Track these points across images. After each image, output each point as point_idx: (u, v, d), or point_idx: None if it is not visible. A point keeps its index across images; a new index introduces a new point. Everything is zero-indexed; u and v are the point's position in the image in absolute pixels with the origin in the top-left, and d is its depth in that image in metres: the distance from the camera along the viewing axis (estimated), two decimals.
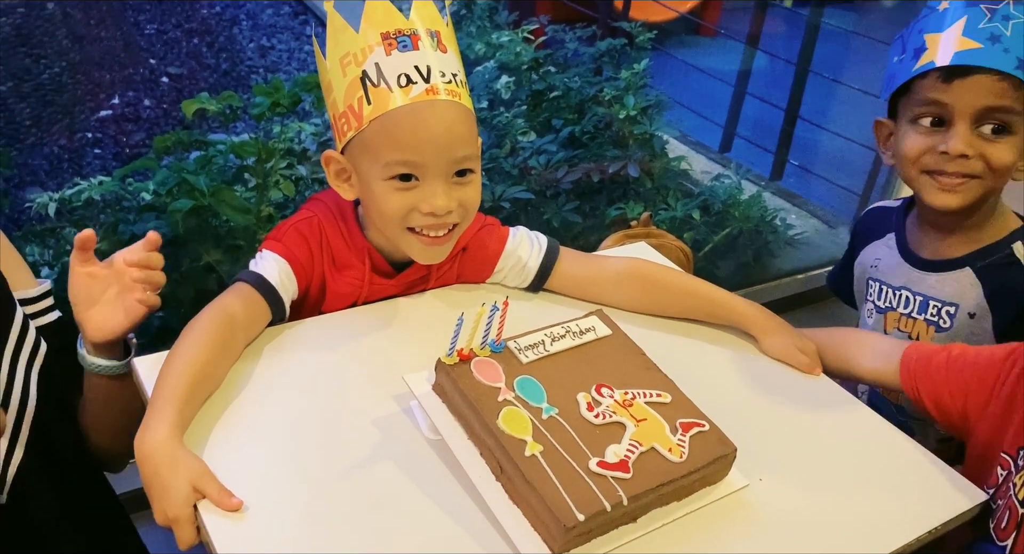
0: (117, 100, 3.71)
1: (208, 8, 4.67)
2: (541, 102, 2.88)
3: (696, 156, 3.30)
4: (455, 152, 1.02)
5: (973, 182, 1.20)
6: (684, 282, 1.23)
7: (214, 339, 0.99)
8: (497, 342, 0.99)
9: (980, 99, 1.16)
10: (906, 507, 0.98)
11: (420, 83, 1.00)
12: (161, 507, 0.85)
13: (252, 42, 4.45)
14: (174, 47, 4.23)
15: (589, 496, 0.85)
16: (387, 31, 1.01)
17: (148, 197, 1.98)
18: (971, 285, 1.26)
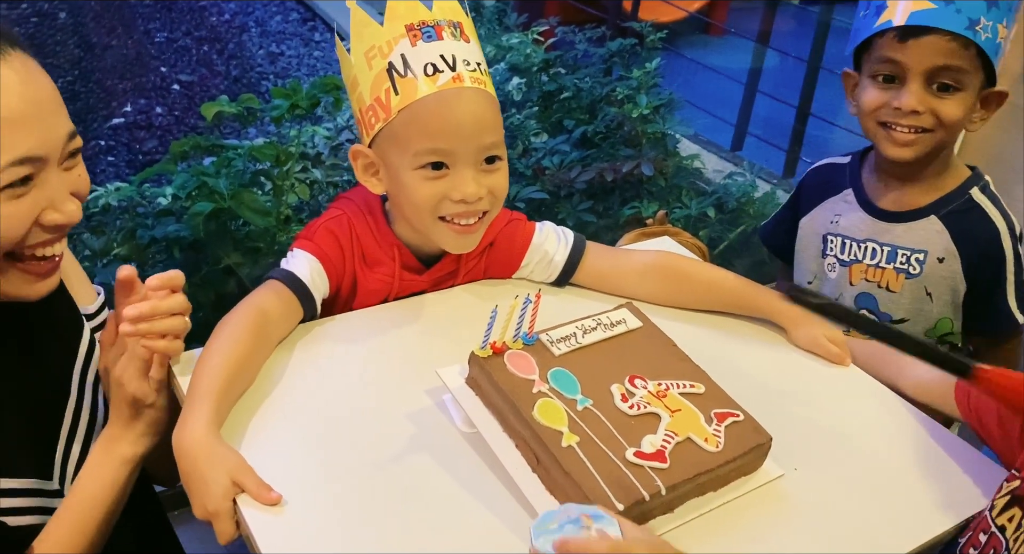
0: (129, 108, 3.72)
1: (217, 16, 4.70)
2: (552, 103, 2.89)
3: (708, 155, 3.29)
4: (483, 138, 1.03)
5: (925, 135, 1.27)
6: (711, 274, 1.23)
7: (248, 335, 0.99)
8: (530, 335, 0.99)
9: (932, 58, 1.22)
10: (941, 496, 0.98)
11: (447, 71, 1.01)
12: (201, 501, 0.86)
13: (261, 49, 4.47)
14: (185, 55, 4.25)
15: (627, 486, 0.86)
16: (411, 23, 1.02)
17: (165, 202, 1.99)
18: (937, 232, 1.33)
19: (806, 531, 0.92)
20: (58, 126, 0.87)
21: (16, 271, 0.90)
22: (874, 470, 1.01)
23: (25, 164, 0.83)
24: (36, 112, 0.84)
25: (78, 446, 1.02)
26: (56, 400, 1.01)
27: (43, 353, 1.01)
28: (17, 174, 0.83)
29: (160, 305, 0.94)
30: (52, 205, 0.87)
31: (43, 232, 0.88)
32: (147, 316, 0.93)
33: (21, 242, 0.87)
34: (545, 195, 2.47)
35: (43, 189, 0.86)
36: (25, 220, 0.85)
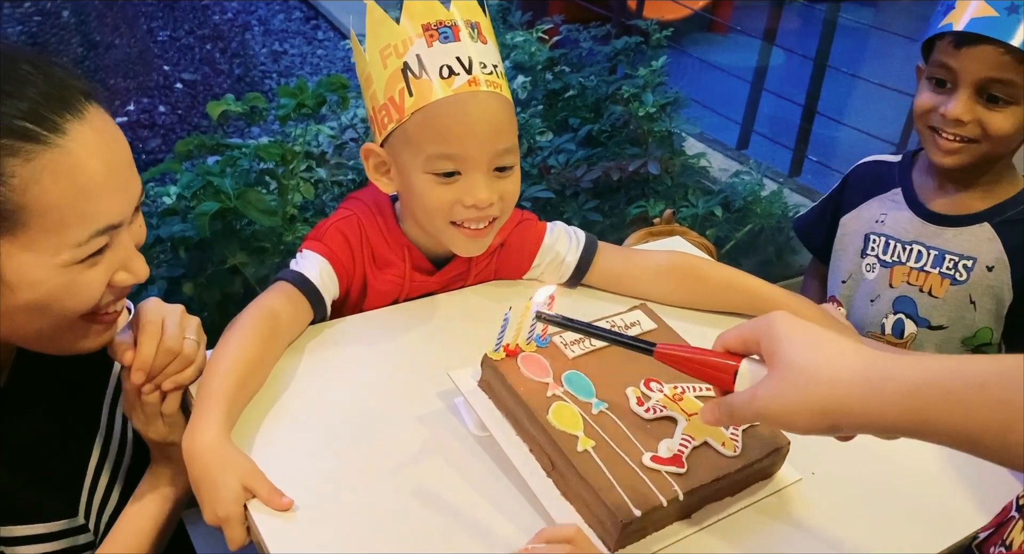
0: (132, 107, 3.71)
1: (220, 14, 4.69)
2: (557, 102, 2.87)
3: (714, 153, 3.28)
4: (497, 144, 1.02)
5: (970, 146, 1.25)
6: (725, 275, 1.22)
7: (258, 337, 0.98)
8: (543, 337, 0.98)
9: (983, 69, 1.20)
10: (964, 500, 0.97)
11: (462, 74, 0.99)
12: (211, 507, 0.84)
13: (264, 47, 4.46)
14: (187, 53, 4.24)
15: (645, 491, 0.84)
16: (428, 22, 1.00)
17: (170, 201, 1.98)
18: (989, 239, 1.31)
19: (825, 536, 0.90)
20: (134, 187, 0.85)
21: (83, 324, 0.87)
22: (894, 473, 0.99)
23: (106, 233, 0.81)
24: (117, 177, 0.81)
25: (105, 477, 1.01)
26: (86, 432, 1.00)
27: (74, 385, 0.99)
28: (98, 245, 0.80)
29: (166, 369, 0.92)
30: (124, 266, 0.85)
31: (112, 293, 0.86)
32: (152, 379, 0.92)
33: (96, 307, 0.85)
34: (551, 194, 2.46)
35: (116, 251, 0.84)
36: (101, 286, 0.83)
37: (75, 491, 0.98)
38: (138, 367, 0.90)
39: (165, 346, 0.92)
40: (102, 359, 0.97)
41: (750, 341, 0.75)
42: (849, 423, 0.68)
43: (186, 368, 0.94)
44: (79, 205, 0.77)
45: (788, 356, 0.70)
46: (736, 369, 0.76)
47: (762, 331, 0.73)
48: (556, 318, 0.85)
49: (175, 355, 0.92)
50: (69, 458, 0.98)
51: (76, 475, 0.98)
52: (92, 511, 0.98)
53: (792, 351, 0.70)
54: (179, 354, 0.93)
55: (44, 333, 0.84)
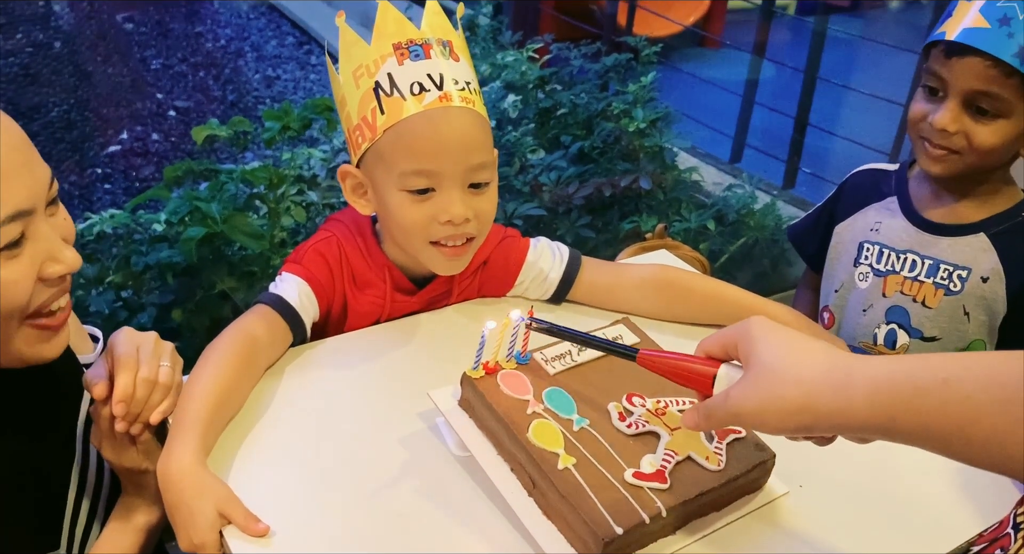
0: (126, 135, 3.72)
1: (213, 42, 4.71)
2: (549, 120, 2.87)
3: (707, 168, 3.28)
4: (470, 159, 1.01)
5: (954, 157, 1.24)
6: (711, 287, 1.21)
7: (235, 361, 0.97)
8: (523, 354, 0.96)
9: (970, 82, 1.19)
10: (954, 511, 0.95)
11: (433, 90, 0.99)
12: (186, 533, 0.83)
13: (258, 73, 4.47)
14: (180, 81, 4.25)
15: (627, 508, 0.83)
16: (399, 42, 1.00)
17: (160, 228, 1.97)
18: (984, 250, 1.29)
19: (813, 549, 0.89)
20: (40, 174, 0.83)
21: (30, 330, 0.85)
22: (882, 485, 0.98)
23: (17, 220, 0.79)
24: (15, 162, 0.79)
25: (86, 505, 0.99)
26: (62, 462, 0.98)
27: (46, 413, 0.98)
28: (11, 234, 0.78)
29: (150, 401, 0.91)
30: (50, 257, 0.83)
31: (47, 288, 0.84)
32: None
33: (27, 305, 0.82)
34: (543, 211, 2.45)
35: (37, 242, 0.81)
36: (28, 280, 0.81)
37: (55, 523, 0.96)
38: (119, 399, 0.88)
39: (142, 376, 0.90)
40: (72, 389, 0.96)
41: (729, 345, 0.76)
42: (819, 423, 0.68)
43: (166, 397, 0.92)
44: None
45: (761, 356, 0.71)
46: (715, 374, 0.76)
47: (740, 335, 0.74)
48: (543, 324, 0.85)
49: (153, 384, 0.91)
50: (46, 488, 0.96)
51: (55, 507, 0.96)
52: (75, 543, 0.97)
53: (765, 351, 0.71)
54: (156, 384, 0.91)
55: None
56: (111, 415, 0.89)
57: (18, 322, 0.84)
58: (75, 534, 0.97)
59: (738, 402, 0.71)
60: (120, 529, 0.95)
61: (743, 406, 0.71)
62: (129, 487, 0.96)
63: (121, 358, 0.90)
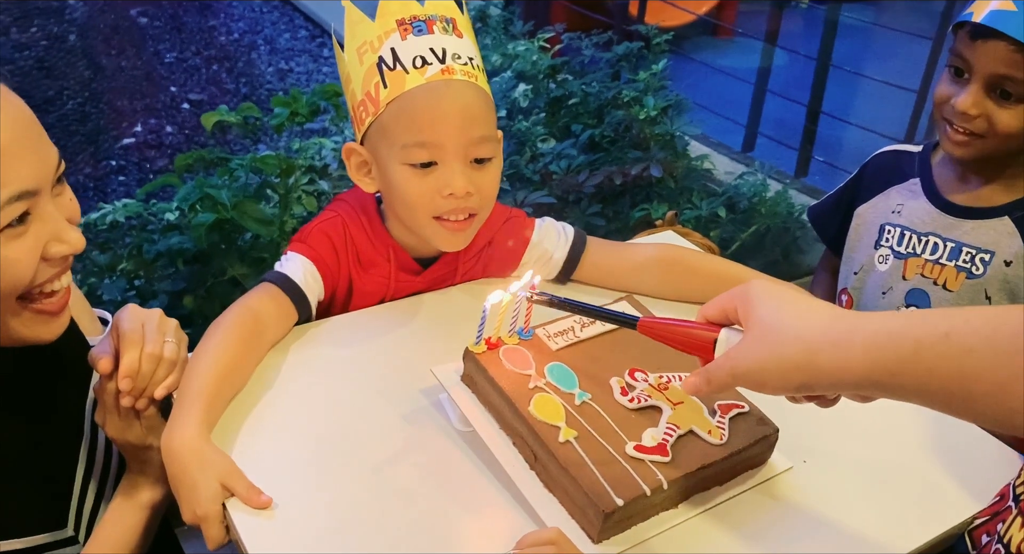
0: (140, 128, 3.74)
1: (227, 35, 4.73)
2: (559, 109, 2.87)
3: (719, 157, 3.26)
4: (472, 131, 1.01)
5: (976, 140, 1.22)
6: (716, 266, 1.20)
7: (239, 337, 0.97)
8: (526, 330, 0.96)
9: (994, 65, 1.17)
10: (957, 487, 0.94)
11: (435, 64, 0.99)
12: (189, 506, 0.84)
13: (271, 66, 4.49)
14: (194, 74, 4.27)
15: (627, 481, 0.83)
16: (403, 18, 1.00)
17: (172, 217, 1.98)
18: (1008, 234, 1.27)
19: (816, 524, 0.88)
20: (46, 154, 0.83)
21: (29, 312, 0.86)
22: (887, 461, 0.97)
23: (22, 199, 0.79)
24: (21, 142, 0.80)
25: (94, 486, 0.99)
26: (70, 442, 0.99)
27: (54, 395, 0.98)
28: (15, 212, 0.79)
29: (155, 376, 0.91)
30: (55, 237, 0.83)
31: (50, 267, 0.85)
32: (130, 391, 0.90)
33: (31, 282, 0.83)
34: (553, 200, 2.45)
35: (42, 222, 0.82)
36: (32, 259, 0.82)
37: (62, 502, 0.97)
38: (124, 374, 0.89)
39: (147, 352, 0.91)
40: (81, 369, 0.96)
41: (728, 309, 0.76)
42: (820, 380, 0.68)
43: (171, 372, 0.93)
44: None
45: (760, 316, 0.71)
46: (716, 338, 0.77)
47: (739, 298, 0.75)
48: (545, 295, 0.86)
49: (158, 360, 0.92)
50: (53, 467, 0.97)
51: (62, 486, 0.97)
52: (83, 523, 0.98)
53: (764, 312, 0.71)
54: (161, 359, 0.92)
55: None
56: (116, 391, 0.90)
57: (18, 304, 0.84)
58: (83, 514, 0.98)
59: (737, 362, 0.71)
60: (125, 506, 0.96)
61: (742, 365, 0.71)
62: (134, 464, 0.97)
63: (126, 334, 0.91)
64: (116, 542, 0.94)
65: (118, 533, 0.94)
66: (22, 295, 0.84)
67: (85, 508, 0.98)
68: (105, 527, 0.95)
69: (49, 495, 0.96)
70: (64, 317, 0.90)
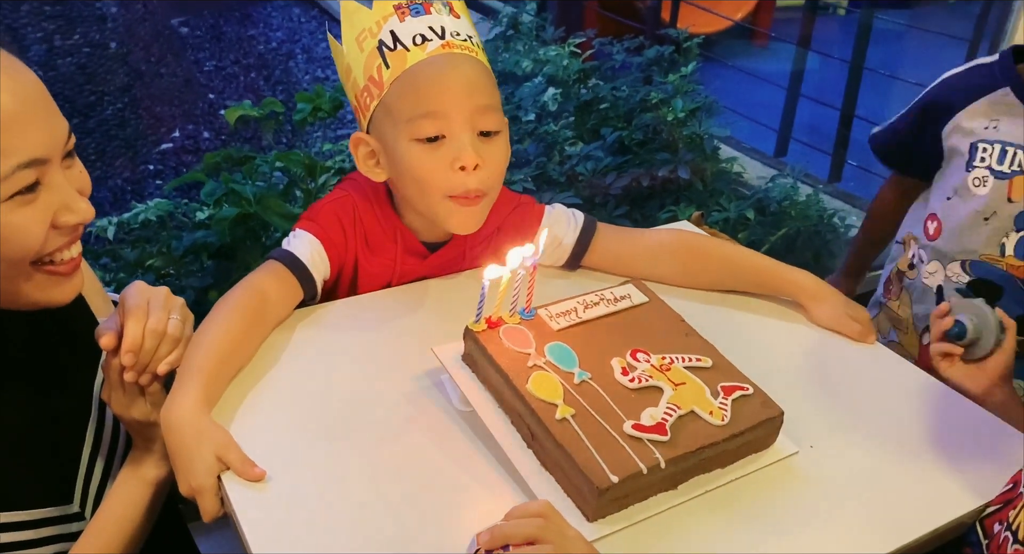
0: (177, 133, 3.80)
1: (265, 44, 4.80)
2: (589, 113, 2.86)
3: (751, 161, 3.23)
4: (476, 100, 1.01)
5: None
6: (728, 251, 1.18)
7: (243, 315, 0.98)
8: (527, 309, 0.96)
9: None
10: (967, 474, 0.91)
11: (435, 40, 1.00)
12: (185, 477, 0.84)
13: (307, 74, 4.54)
14: (232, 82, 4.34)
15: (624, 458, 0.81)
16: (400, 2, 1.01)
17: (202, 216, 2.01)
18: None
19: (820, 510, 0.86)
20: (56, 124, 0.85)
21: (42, 275, 0.87)
22: (896, 448, 0.95)
23: (32, 167, 0.80)
24: (32, 111, 0.81)
25: (100, 464, 1.00)
26: (78, 419, 1.00)
27: (65, 371, 0.99)
28: (25, 180, 0.80)
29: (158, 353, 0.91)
30: (64, 206, 0.85)
31: (60, 235, 0.86)
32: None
33: (40, 249, 0.84)
34: (579, 200, 2.44)
35: (51, 192, 0.83)
36: (41, 226, 0.83)
37: (69, 478, 0.98)
38: (127, 349, 0.90)
39: (150, 327, 0.91)
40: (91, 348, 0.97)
41: None
42: None
43: (174, 349, 0.93)
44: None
45: None
46: None
47: None
48: None
49: (161, 335, 0.92)
50: (60, 443, 0.98)
51: (69, 461, 0.98)
52: (89, 500, 0.98)
53: None
54: (165, 335, 0.93)
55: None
56: (120, 366, 0.91)
57: (31, 268, 0.86)
58: (89, 490, 0.99)
59: None
60: (129, 482, 0.96)
61: None
62: (139, 441, 0.97)
63: (131, 310, 0.92)
64: (120, 517, 0.94)
65: (122, 508, 0.95)
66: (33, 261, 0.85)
67: (92, 485, 0.99)
68: (110, 502, 0.95)
69: (56, 469, 0.97)
70: (76, 279, 0.91)
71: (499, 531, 0.73)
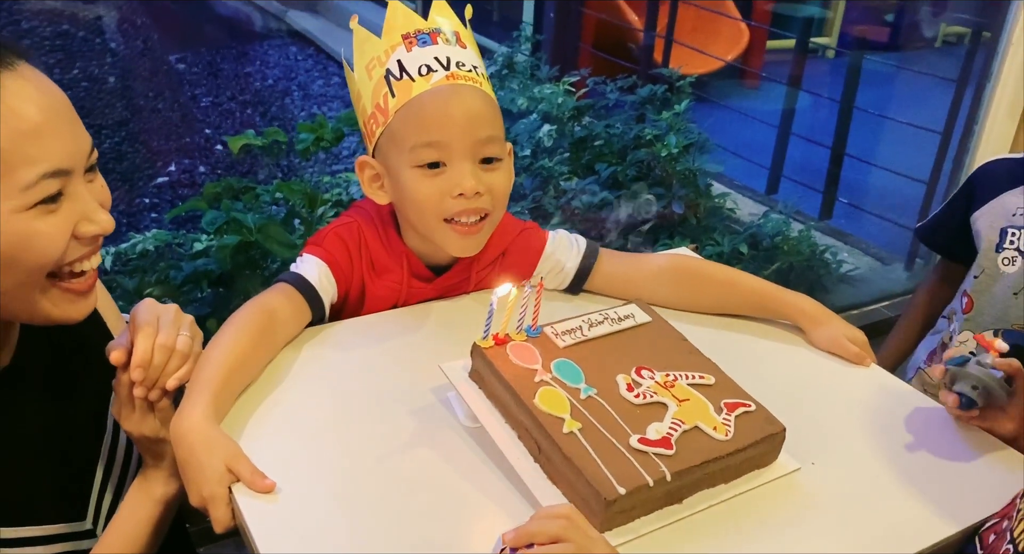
0: (174, 167, 3.83)
1: (261, 81, 4.85)
2: (583, 149, 2.91)
3: (743, 199, 3.28)
4: (478, 132, 1.03)
5: None
6: (728, 275, 1.21)
7: (252, 331, 0.99)
8: (533, 327, 0.97)
9: None
10: (964, 492, 0.93)
11: (440, 70, 1.03)
12: (196, 488, 0.84)
13: (303, 111, 4.59)
14: (228, 117, 4.38)
15: (631, 471, 0.83)
16: (408, 32, 1.04)
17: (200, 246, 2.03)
18: None
19: (822, 525, 0.87)
20: (80, 137, 0.86)
21: (58, 291, 0.88)
22: (895, 465, 0.96)
23: (56, 177, 0.82)
24: (57, 122, 0.83)
25: (114, 482, 1.01)
26: (93, 436, 1.01)
27: (81, 389, 1.00)
28: (49, 188, 0.82)
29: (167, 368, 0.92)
30: (85, 217, 0.86)
31: (80, 246, 0.87)
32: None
33: (61, 259, 0.86)
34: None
35: (73, 202, 0.85)
36: (63, 235, 0.84)
37: (82, 495, 0.98)
38: (136, 364, 0.91)
39: (160, 342, 0.92)
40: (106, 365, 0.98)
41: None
42: None
43: (183, 364, 0.94)
44: (22, 147, 0.79)
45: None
46: None
47: None
48: None
49: (170, 351, 0.93)
50: (75, 459, 0.98)
51: (83, 479, 0.99)
52: (101, 518, 0.99)
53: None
54: (174, 351, 0.94)
55: (14, 294, 0.85)
56: (130, 382, 0.92)
57: (48, 281, 0.87)
58: (101, 509, 0.99)
59: None
60: (139, 499, 0.97)
61: None
62: (149, 458, 0.98)
63: (141, 326, 0.93)
64: (128, 535, 0.94)
65: (131, 526, 0.95)
66: (52, 273, 0.86)
67: (104, 502, 0.99)
68: (118, 520, 0.96)
69: (70, 485, 0.97)
70: (91, 298, 0.92)
71: (524, 530, 0.75)
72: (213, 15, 4.98)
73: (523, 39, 3.66)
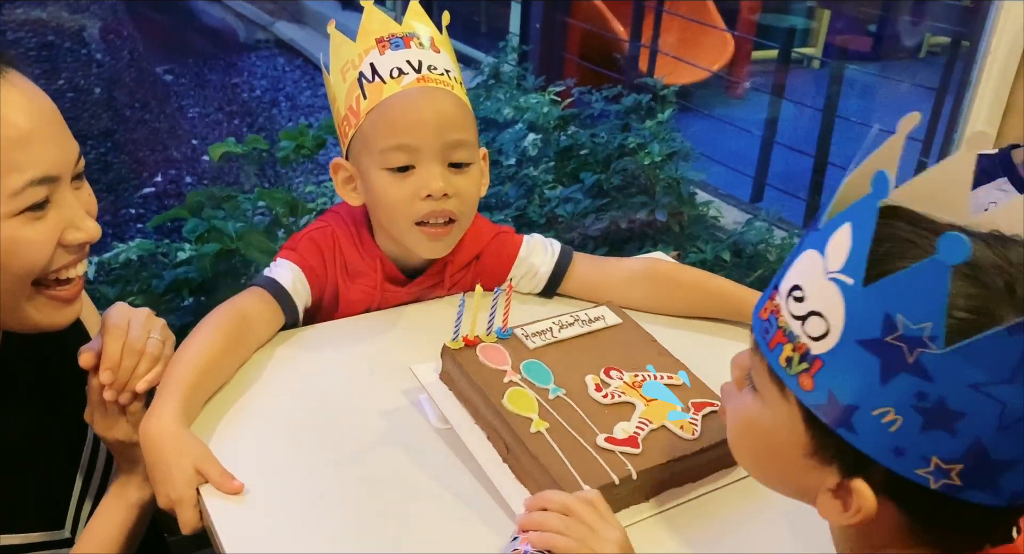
0: (160, 178, 3.83)
1: (248, 92, 4.86)
2: (568, 158, 2.92)
3: (727, 207, 3.29)
4: (448, 135, 1.04)
5: None
6: (700, 278, 1.22)
7: (224, 334, 0.99)
8: (503, 329, 0.98)
9: None
10: None
11: (411, 73, 1.04)
12: (164, 490, 0.85)
13: (291, 121, 4.59)
14: (216, 128, 4.38)
15: (597, 470, 0.83)
16: (381, 36, 1.05)
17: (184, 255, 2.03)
18: None
19: (791, 523, 0.88)
20: (68, 145, 0.87)
21: (44, 298, 0.89)
22: None
23: (43, 184, 0.82)
24: (45, 130, 0.84)
25: (93, 491, 1.01)
26: (73, 444, 1.01)
27: (63, 396, 1.00)
28: (36, 196, 0.82)
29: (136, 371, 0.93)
30: (72, 224, 0.86)
31: (66, 253, 0.87)
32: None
33: (47, 266, 0.86)
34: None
35: (60, 209, 0.85)
36: (49, 242, 0.85)
37: (61, 503, 0.98)
38: (105, 366, 0.91)
39: (129, 344, 0.93)
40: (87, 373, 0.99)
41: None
42: None
43: (153, 367, 0.95)
44: (10, 154, 0.79)
45: None
46: None
47: None
48: None
49: (140, 354, 0.93)
50: (56, 467, 0.98)
51: (63, 487, 0.99)
52: (80, 526, 0.98)
53: None
54: (144, 353, 0.94)
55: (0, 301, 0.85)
56: (100, 386, 0.92)
57: (33, 289, 0.87)
58: (80, 517, 0.99)
59: None
60: (113, 504, 0.97)
61: None
62: (122, 463, 0.98)
63: (110, 329, 0.93)
64: (103, 540, 0.94)
65: (105, 530, 0.95)
66: (38, 280, 0.87)
67: (83, 512, 0.99)
68: (93, 525, 0.95)
69: (50, 493, 0.97)
70: (76, 305, 0.93)
71: (534, 520, 0.78)
72: (200, 26, 5.00)
73: (509, 49, 3.68)
